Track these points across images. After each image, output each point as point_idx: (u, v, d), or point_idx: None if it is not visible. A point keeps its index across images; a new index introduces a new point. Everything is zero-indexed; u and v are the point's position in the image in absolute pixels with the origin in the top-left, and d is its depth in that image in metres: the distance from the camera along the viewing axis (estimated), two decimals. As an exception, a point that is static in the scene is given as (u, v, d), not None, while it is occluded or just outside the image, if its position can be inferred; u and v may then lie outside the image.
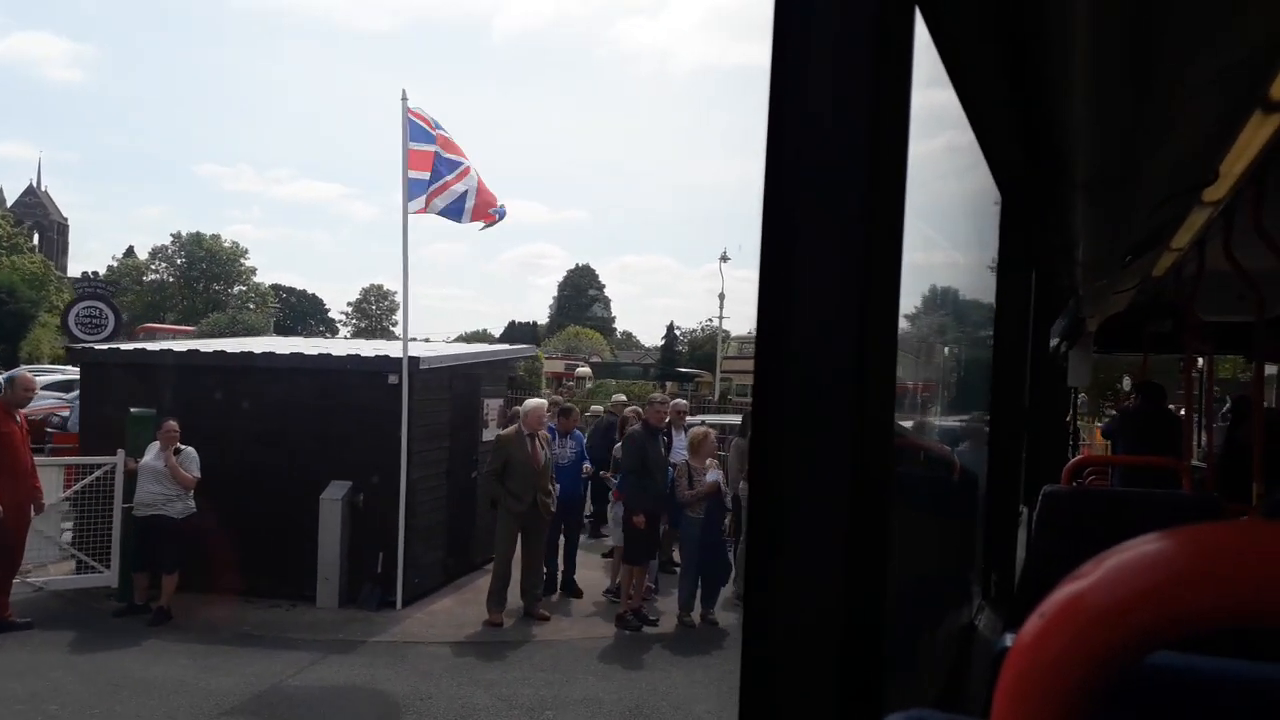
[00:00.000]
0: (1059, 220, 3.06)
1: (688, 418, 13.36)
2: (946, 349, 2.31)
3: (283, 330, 71.67)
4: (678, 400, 12.94)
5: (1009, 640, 1.28)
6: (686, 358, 72.17)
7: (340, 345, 13.16)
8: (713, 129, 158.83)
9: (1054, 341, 7.43)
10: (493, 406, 11.72)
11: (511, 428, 9.58)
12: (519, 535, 9.14)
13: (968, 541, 2.15)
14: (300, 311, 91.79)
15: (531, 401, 9.95)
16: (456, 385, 10.90)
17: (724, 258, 51.74)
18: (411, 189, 9.98)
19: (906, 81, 0.92)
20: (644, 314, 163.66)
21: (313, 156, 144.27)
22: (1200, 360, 7.42)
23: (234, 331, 47.78)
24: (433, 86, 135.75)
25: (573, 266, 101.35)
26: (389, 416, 9.53)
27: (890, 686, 1.23)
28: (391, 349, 10.38)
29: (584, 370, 46.99)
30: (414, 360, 9.80)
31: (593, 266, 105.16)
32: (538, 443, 9.36)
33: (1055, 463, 8.75)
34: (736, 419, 15.28)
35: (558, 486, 9.66)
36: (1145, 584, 0.37)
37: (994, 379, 2.49)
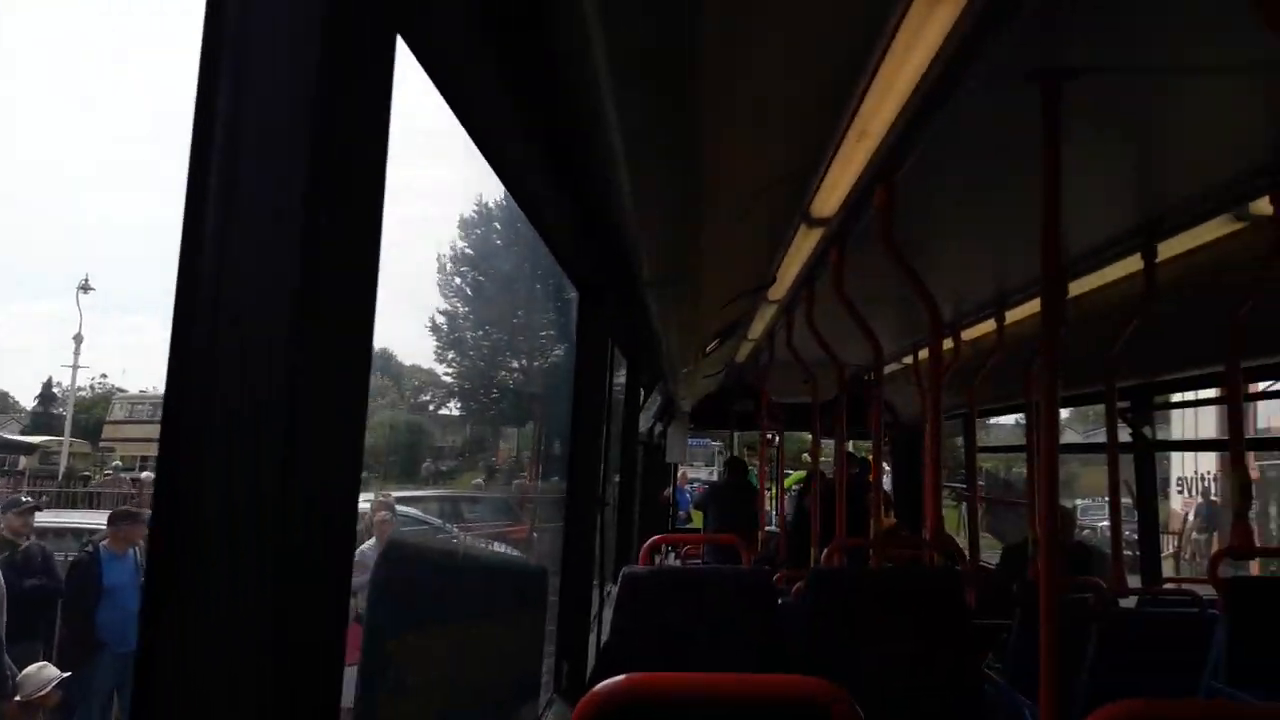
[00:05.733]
0: (640, 314, 3.25)
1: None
2: (524, 444, 2.32)
3: None
4: None
5: None
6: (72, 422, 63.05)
7: None
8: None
9: (650, 423, 7.99)
10: None
11: None
12: None
13: (535, 637, 2.14)
14: None
15: None
16: None
17: (84, 288, 42.72)
18: None
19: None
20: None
21: None
22: (774, 436, 8.38)
23: None
24: None
25: None
26: None
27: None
28: None
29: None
30: None
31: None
32: None
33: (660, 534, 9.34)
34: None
35: None
36: None
37: (569, 470, 2.55)
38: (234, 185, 0.63)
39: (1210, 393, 4.94)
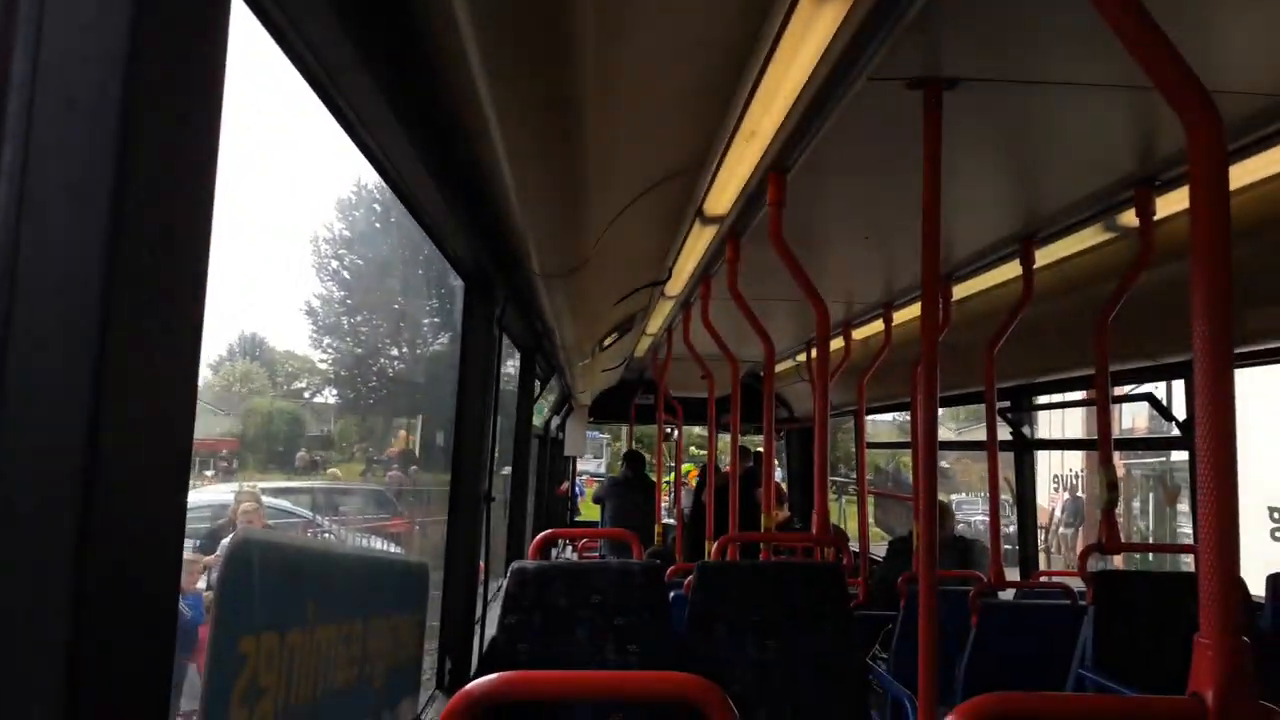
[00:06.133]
0: (532, 306, 3.21)
1: None
2: (407, 434, 2.27)
3: None
4: None
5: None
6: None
7: None
8: None
9: (548, 416, 7.95)
10: None
11: None
12: None
13: (414, 634, 2.10)
14: None
15: None
16: None
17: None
18: None
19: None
20: None
21: None
22: (672, 430, 8.45)
23: None
24: None
25: None
26: None
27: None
28: None
29: None
30: None
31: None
32: None
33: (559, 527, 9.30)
34: None
35: None
36: None
37: (454, 464, 2.51)
38: (24, 170, 0.58)
39: (1083, 394, 5.18)
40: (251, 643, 1.14)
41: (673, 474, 8.27)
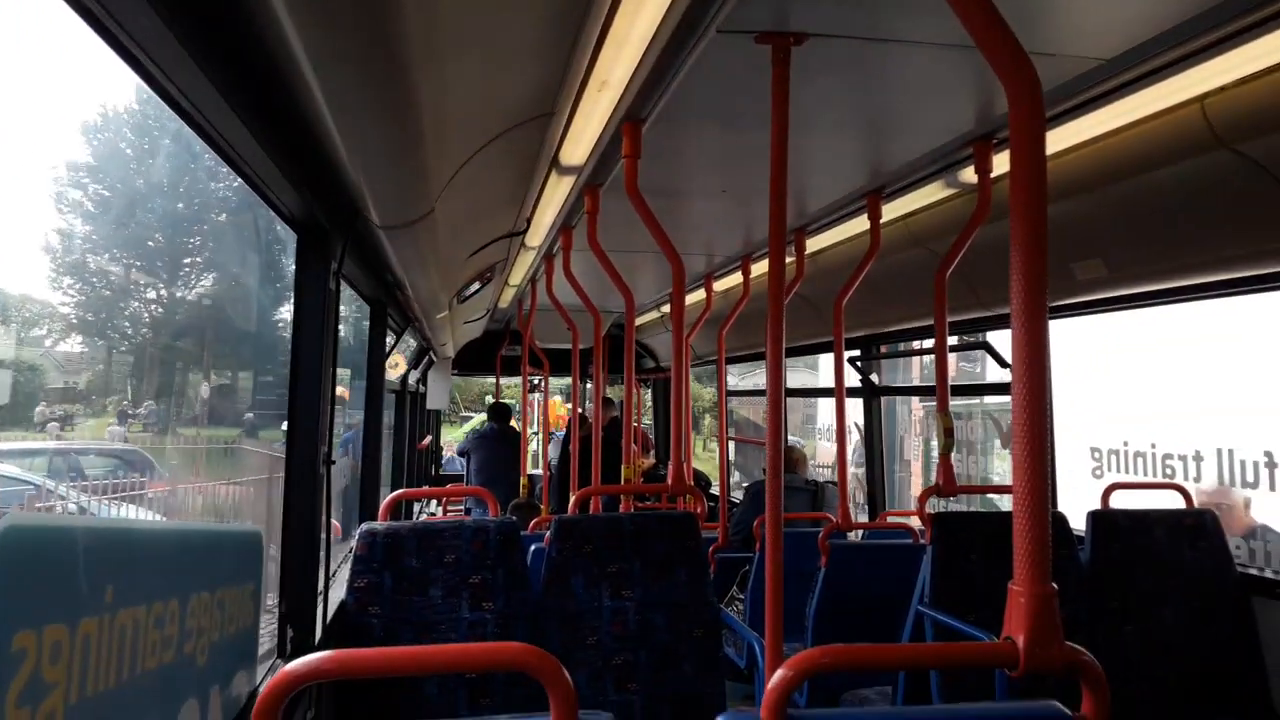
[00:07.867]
0: (376, 257, 3.08)
1: None
2: (184, 387, 2.13)
3: None
4: None
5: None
6: None
7: None
8: None
9: (406, 370, 7.74)
10: None
11: None
12: None
13: (244, 606, 2.00)
14: None
15: None
16: None
17: None
18: None
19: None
20: None
21: None
22: (539, 380, 8.39)
23: None
24: None
25: None
26: None
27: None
28: None
29: None
30: None
31: None
32: None
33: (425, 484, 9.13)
34: None
35: None
36: None
37: (289, 425, 2.39)
38: None
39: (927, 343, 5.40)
40: (30, 638, 1.04)
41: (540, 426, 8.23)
